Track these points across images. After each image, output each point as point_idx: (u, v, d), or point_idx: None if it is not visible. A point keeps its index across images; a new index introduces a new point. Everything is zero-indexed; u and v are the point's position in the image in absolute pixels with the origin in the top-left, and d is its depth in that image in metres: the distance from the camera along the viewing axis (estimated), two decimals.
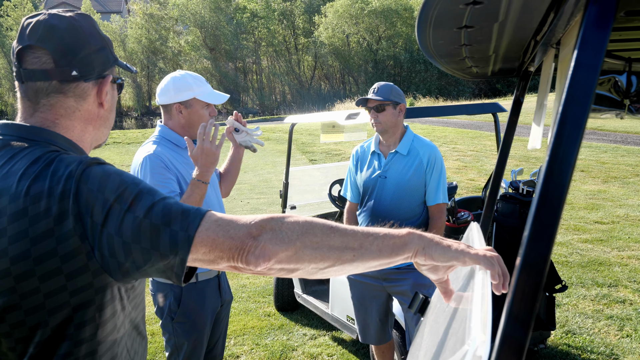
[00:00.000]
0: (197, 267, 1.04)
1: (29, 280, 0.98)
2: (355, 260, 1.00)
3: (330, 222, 1.03)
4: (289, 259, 0.99)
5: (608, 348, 3.77)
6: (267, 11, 43.50)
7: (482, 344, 0.62)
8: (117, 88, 1.27)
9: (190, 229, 0.98)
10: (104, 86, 1.18)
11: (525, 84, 1.56)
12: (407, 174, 2.85)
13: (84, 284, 1.00)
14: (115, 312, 1.07)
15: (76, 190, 0.99)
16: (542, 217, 0.60)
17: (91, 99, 1.17)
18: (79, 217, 0.98)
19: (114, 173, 1.03)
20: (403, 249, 1.00)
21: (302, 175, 5.23)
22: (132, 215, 0.98)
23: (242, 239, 0.97)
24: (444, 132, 17.14)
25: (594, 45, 0.59)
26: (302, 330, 4.35)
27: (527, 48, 1.25)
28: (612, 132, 15.02)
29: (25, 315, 1.00)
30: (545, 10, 0.92)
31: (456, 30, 0.97)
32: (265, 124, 25.11)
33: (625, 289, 4.80)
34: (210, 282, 2.42)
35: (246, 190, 10.59)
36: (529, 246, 0.62)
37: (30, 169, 1.02)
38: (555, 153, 0.61)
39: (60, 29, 1.12)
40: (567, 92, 0.60)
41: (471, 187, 9.39)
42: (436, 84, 37.90)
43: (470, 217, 3.28)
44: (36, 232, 0.97)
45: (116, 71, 1.27)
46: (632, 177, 9.76)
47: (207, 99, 2.37)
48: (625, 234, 6.44)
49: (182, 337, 2.34)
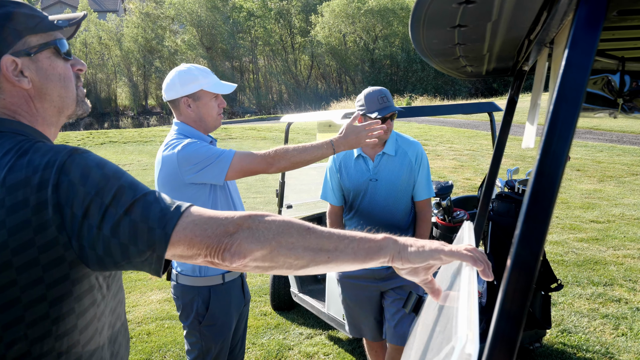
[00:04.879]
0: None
1: (6, 272, 0.97)
2: (329, 261, 1.02)
3: (307, 223, 1.04)
4: (263, 257, 1.01)
5: (603, 347, 3.79)
6: (263, 10, 43.50)
7: (470, 342, 0.63)
8: (53, 54, 1.15)
9: (168, 227, 0.99)
10: (3, 69, 1.07)
11: (519, 83, 1.56)
12: (399, 175, 2.84)
13: (60, 275, 0.99)
14: (94, 301, 1.07)
15: (56, 181, 0.98)
16: (533, 215, 0.60)
17: (5, 84, 1.09)
18: (58, 208, 0.97)
19: (95, 166, 1.02)
20: (378, 253, 1.02)
21: (299, 174, 5.23)
22: (113, 210, 0.98)
23: (218, 237, 0.99)
24: (440, 131, 17.17)
25: (584, 45, 0.59)
26: (298, 329, 4.35)
27: (521, 47, 1.25)
28: (608, 131, 15.07)
29: (0, 310, 0.98)
30: (539, 9, 0.93)
31: (449, 29, 0.98)
32: (262, 123, 25.10)
33: (621, 288, 4.82)
34: (235, 282, 2.38)
35: (242, 190, 10.59)
36: (520, 244, 0.62)
37: (3, 159, 1.01)
38: (546, 152, 0.61)
39: None
40: (558, 92, 0.61)
41: (467, 186, 9.40)
42: (433, 83, 37.94)
43: (466, 216, 3.28)
44: (14, 222, 0.96)
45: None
46: (627, 176, 9.79)
47: (214, 90, 2.30)
48: (621, 233, 6.46)
49: (210, 341, 2.30)
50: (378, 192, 2.84)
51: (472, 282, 0.84)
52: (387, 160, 2.85)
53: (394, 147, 2.86)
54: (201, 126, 2.34)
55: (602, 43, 1.20)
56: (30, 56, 1.11)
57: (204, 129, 2.35)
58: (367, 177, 2.84)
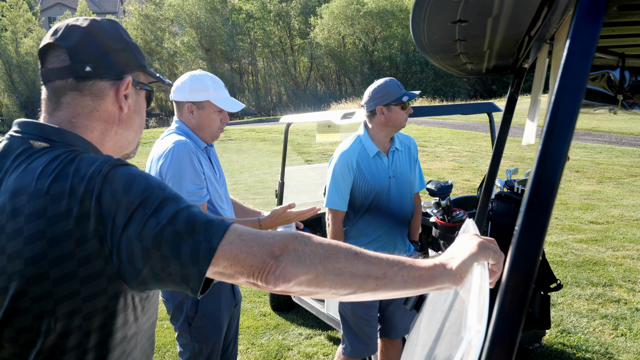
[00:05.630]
0: (214, 279, 1.00)
1: (42, 283, 0.94)
2: (377, 289, 0.97)
3: (354, 247, 1.00)
4: (309, 282, 0.95)
5: (603, 347, 3.79)
6: (262, 12, 43.50)
7: (477, 334, 0.62)
8: (145, 96, 1.25)
9: (214, 241, 0.94)
10: (122, 86, 1.15)
11: (519, 81, 1.56)
12: (409, 169, 2.87)
13: (98, 289, 0.96)
14: (127, 322, 1.04)
15: (99, 191, 0.95)
16: (534, 207, 0.60)
17: (109, 99, 1.15)
18: (100, 219, 0.95)
19: (139, 176, 1.00)
20: (431, 282, 0.97)
21: (298, 175, 5.23)
22: (155, 220, 0.95)
23: (263, 258, 0.94)
24: (439, 132, 17.17)
25: (586, 34, 0.60)
26: (297, 329, 4.34)
27: (521, 44, 1.25)
28: (607, 133, 15.08)
29: (33, 320, 0.96)
30: (539, 4, 0.93)
31: (450, 24, 0.98)
32: (261, 125, 25.10)
33: (620, 289, 4.82)
34: (224, 283, 2.36)
35: (242, 191, 10.58)
36: (519, 244, 0.62)
37: (49, 167, 0.98)
38: (548, 143, 0.62)
39: (80, 28, 1.12)
40: (560, 82, 0.61)
41: (466, 187, 9.40)
42: (432, 85, 37.95)
43: (465, 216, 3.28)
44: (54, 233, 0.94)
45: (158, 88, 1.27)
46: (626, 177, 9.80)
47: (221, 105, 2.29)
48: (620, 234, 6.47)
49: (201, 342, 2.29)
50: (392, 188, 2.82)
51: (483, 277, 0.84)
52: (398, 155, 2.86)
53: (398, 141, 2.88)
54: (198, 133, 2.34)
55: (602, 39, 1.20)
56: (136, 88, 1.20)
57: (201, 137, 2.35)
58: (387, 175, 2.81)
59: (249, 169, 13.33)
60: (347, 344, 2.92)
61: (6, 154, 1.05)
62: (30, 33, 39.87)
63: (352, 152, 2.78)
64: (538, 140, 1.54)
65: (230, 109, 2.32)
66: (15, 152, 1.04)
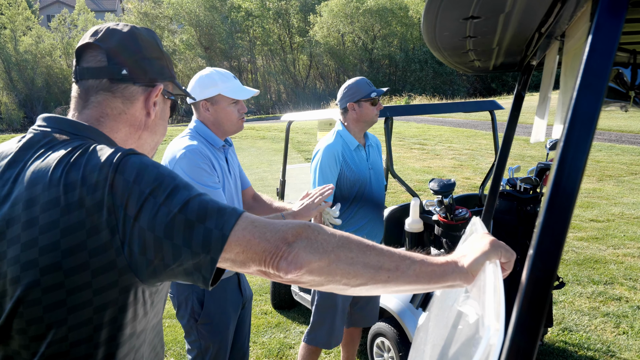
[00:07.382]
0: (225, 269, 1.00)
1: (55, 273, 0.94)
2: (389, 281, 0.96)
3: (366, 240, 0.99)
4: (321, 270, 0.95)
5: (604, 345, 3.79)
6: (261, 10, 43.44)
7: (496, 332, 0.62)
8: (170, 105, 1.29)
9: (226, 228, 0.94)
10: (153, 93, 1.18)
11: (527, 78, 1.55)
12: (380, 164, 3.09)
13: (109, 282, 0.96)
14: (136, 316, 1.04)
15: (112, 181, 0.95)
16: (556, 204, 0.59)
17: (139, 104, 1.17)
18: (112, 210, 0.94)
19: (150, 165, 1.00)
20: (443, 279, 0.97)
21: (299, 173, 5.22)
22: (166, 209, 0.94)
23: (276, 243, 0.94)
24: (439, 130, 17.17)
25: (608, 31, 0.58)
26: (299, 328, 4.34)
27: (530, 41, 1.24)
28: (607, 130, 15.09)
29: (43, 311, 0.95)
30: (552, 1, 0.92)
31: (462, 21, 0.97)
32: (261, 123, 25.09)
33: (621, 287, 4.82)
34: (230, 280, 2.38)
35: None
36: (537, 254, 0.61)
37: (65, 157, 0.99)
38: (569, 141, 0.60)
39: (121, 33, 1.16)
40: (581, 80, 0.60)
41: (467, 185, 9.40)
42: (431, 83, 37.94)
43: (467, 214, 3.27)
44: (67, 223, 0.94)
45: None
46: (626, 175, 9.80)
47: (232, 95, 2.30)
48: (621, 232, 6.47)
49: (207, 339, 2.29)
50: (372, 179, 3.00)
51: (497, 276, 0.83)
52: (371, 150, 3.06)
53: (370, 138, 3.10)
54: (219, 129, 2.35)
55: None
56: (164, 97, 1.23)
57: (222, 132, 2.36)
58: (367, 167, 2.98)
59: (248, 167, 13.32)
60: (315, 334, 2.98)
61: (29, 146, 1.06)
62: (29, 31, 39.75)
63: (336, 145, 2.90)
64: (547, 139, 1.52)
65: (242, 96, 2.32)
66: (37, 145, 1.06)
